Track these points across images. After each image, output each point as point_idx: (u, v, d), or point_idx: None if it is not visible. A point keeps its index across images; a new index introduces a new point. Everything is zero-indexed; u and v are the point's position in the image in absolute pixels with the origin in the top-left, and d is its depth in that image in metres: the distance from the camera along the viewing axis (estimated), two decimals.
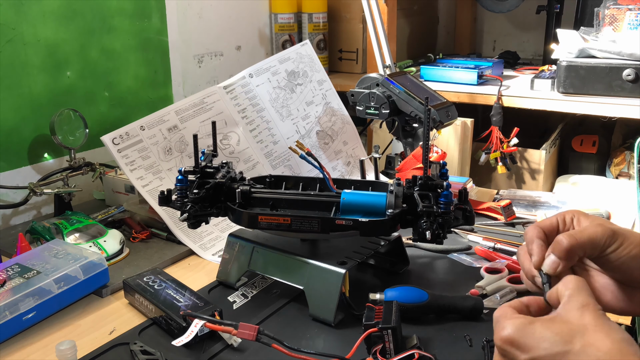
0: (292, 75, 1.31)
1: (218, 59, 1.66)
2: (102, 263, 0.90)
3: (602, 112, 1.38)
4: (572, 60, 1.40)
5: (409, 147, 1.26)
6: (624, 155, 1.59)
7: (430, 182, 0.81)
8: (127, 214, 1.15)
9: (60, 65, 1.26)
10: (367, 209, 0.81)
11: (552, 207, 1.20)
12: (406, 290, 0.80)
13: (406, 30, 2.02)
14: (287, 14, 1.81)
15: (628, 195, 1.23)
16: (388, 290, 0.80)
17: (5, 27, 1.15)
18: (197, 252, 1.04)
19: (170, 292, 0.82)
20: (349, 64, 1.93)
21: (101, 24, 1.33)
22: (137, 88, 1.43)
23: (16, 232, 1.05)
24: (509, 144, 1.49)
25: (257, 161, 1.21)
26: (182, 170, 0.86)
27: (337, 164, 1.33)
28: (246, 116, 1.23)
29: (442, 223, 0.78)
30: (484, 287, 0.86)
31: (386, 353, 0.69)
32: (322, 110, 1.33)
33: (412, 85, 1.26)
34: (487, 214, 1.17)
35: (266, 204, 0.87)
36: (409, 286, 0.81)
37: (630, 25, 1.41)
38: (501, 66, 1.72)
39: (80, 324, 0.84)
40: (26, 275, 0.84)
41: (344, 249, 0.85)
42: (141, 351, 0.74)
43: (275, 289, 0.90)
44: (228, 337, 0.76)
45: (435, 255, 1.01)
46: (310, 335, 0.78)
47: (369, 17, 1.39)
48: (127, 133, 1.08)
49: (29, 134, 1.22)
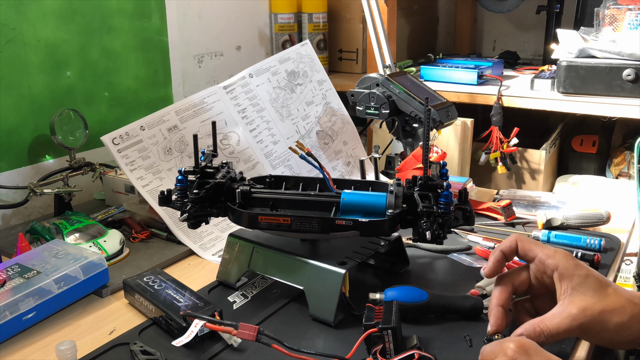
0: (292, 75, 1.31)
1: (218, 59, 1.66)
2: (102, 263, 0.90)
3: (602, 112, 1.38)
4: (572, 60, 1.40)
5: (409, 147, 1.26)
6: (624, 155, 1.59)
7: (430, 182, 0.81)
8: (127, 214, 1.15)
9: (60, 65, 1.26)
10: (367, 209, 0.81)
11: (552, 207, 1.20)
12: (406, 290, 0.80)
13: (406, 30, 2.02)
14: (287, 14, 1.81)
15: (628, 195, 1.23)
16: (388, 290, 0.80)
17: (5, 27, 1.15)
18: (197, 252, 1.04)
19: (170, 292, 0.82)
20: (349, 64, 1.93)
21: (101, 24, 1.33)
22: (137, 88, 1.43)
23: (16, 232, 1.05)
24: (509, 144, 1.49)
25: (257, 161, 1.21)
26: (182, 171, 0.86)
27: (337, 164, 1.33)
28: (246, 116, 1.23)
29: (442, 223, 0.78)
30: (484, 287, 0.86)
31: (386, 353, 0.69)
32: (322, 110, 1.33)
33: (412, 85, 1.26)
34: (487, 214, 1.17)
35: (266, 204, 0.87)
36: (408, 286, 0.81)
37: (630, 25, 1.41)
38: (501, 66, 1.72)
39: (80, 324, 0.84)
40: (26, 275, 0.84)
41: (344, 249, 0.85)
42: (141, 351, 0.74)
43: (275, 289, 0.90)
44: (228, 337, 0.76)
45: (435, 255, 1.01)
46: (310, 336, 0.78)
47: (369, 17, 1.39)
48: (127, 133, 1.08)
49: (29, 134, 1.22)
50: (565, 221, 1.09)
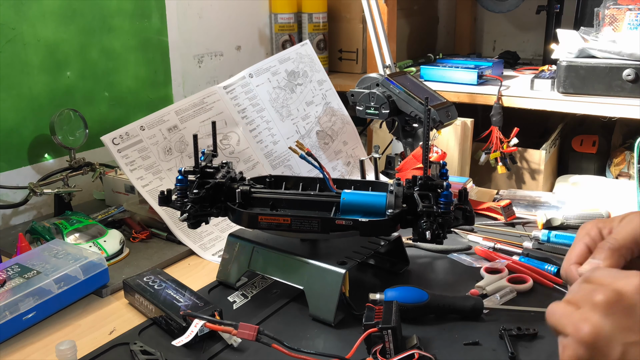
0: (292, 75, 1.31)
1: (218, 59, 1.66)
2: (102, 263, 0.90)
3: (602, 112, 1.38)
4: (572, 60, 1.40)
5: (409, 147, 1.26)
6: (624, 155, 1.59)
7: (430, 182, 0.81)
8: (127, 214, 1.15)
9: (60, 65, 1.26)
10: (367, 209, 0.81)
11: (552, 207, 1.20)
12: (406, 290, 0.80)
13: (406, 30, 2.02)
14: (287, 14, 1.81)
15: (628, 195, 1.23)
16: (388, 291, 0.80)
17: (5, 27, 1.15)
18: (197, 252, 1.04)
19: (170, 292, 0.82)
20: (349, 64, 1.93)
21: (101, 24, 1.33)
22: (137, 88, 1.43)
23: (16, 232, 1.05)
24: (509, 144, 1.49)
25: (257, 161, 1.21)
26: (182, 170, 0.86)
27: (337, 164, 1.33)
28: (246, 116, 1.23)
29: (442, 223, 0.78)
30: (484, 287, 0.86)
31: (386, 353, 0.69)
32: (322, 110, 1.33)
33: (412, 85, 1.26)
34: (487, 214, 1.17)
35: (266, 204, 0.87)
36: (409, 286, 0.81)
37: (630, 25, 1.41)
38: (501, 66, 1.72)
39: (80, 324, 0.83)
40: (26, 275, 0.84)
41: (344, 249, 0.85)
42: (141, 351, 0.74)
43: (275, 289, 0.90)
44: (228, 337, 0.76)
45: (435, 255, 1.01)
46: (310, 335, 0.78)
47: (369, 17, 1.39)
48: (127, 133, 1.08)
49: (29, 134, 1.22)
50: (565, 221, 1.09)
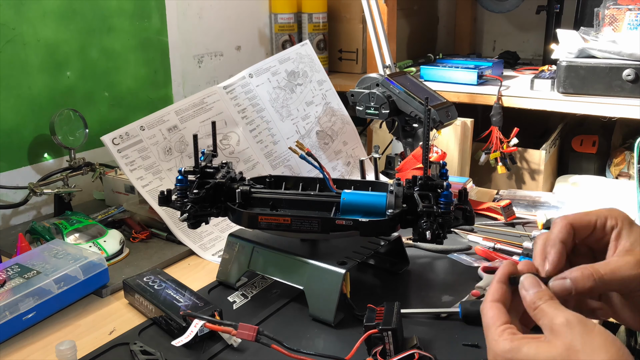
0: (292, 76, 1.31)
1: (218, 59, 1.66)
2: (102, 263, 0.90)
3: (602, 112, 1.38)
4: (572, 60, 1.40)
5: (409, 147, 1.26)
6: (624, 155, 1.59)
7: (430, 182, 0.81)
8: (127, 214, 1.15)
9: (60, 65, 1.25)
10: (367, 209, 0.81)
11: (552, 207, 1.20)
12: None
13: (406, 30, 2.02)
14: (287, 14, 1.81)
15: (628, 195, 1.23)
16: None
17: (5, 27, 1.15)
18: (197, 252, 1.04)
19: (170, 292, 0.82)
20: (349, 64, 1.93)
21: (101, 24, 1.33)
22: (137, 88, 1.43)
23: (16, 232, 1.05)
24: (509, 144, 1.49)
25: (257, 161, 1.21)
26: (182, 171, 0.86)
27: (337, 164, 1.33)
28: (246, 116, 1.23)
29: (442, 223, 0.78)
30: (484, 288, 0.86)
31: (386, 354, 0.69)
32: (322, 110, 1.33)
33: (412, 85, 1.26)
34: (487, 214, 1.17)
35: (266, 204, 0.87)
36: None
37: (630, 25, 1.41)
38: (501, 66, 1.72)
39: (80, 324, 0.84)
40: (26, 275, 0.84)
41: (344, 249, 0.85)
42: (141, 351, 0.74)
43: (275, 289, 0.90)
44: (228, 337, 0.76)
45: (435, 255, 1.01)
46: (310, 336, 0.78)
47: (369, 17, 1.39)
48: (127, 133, 1.08)
49: (29, 134, 1.22)
50: None
